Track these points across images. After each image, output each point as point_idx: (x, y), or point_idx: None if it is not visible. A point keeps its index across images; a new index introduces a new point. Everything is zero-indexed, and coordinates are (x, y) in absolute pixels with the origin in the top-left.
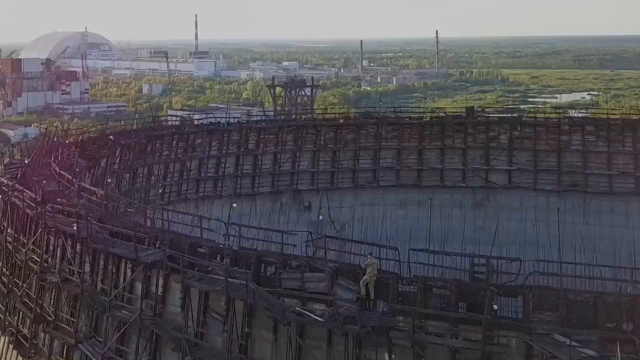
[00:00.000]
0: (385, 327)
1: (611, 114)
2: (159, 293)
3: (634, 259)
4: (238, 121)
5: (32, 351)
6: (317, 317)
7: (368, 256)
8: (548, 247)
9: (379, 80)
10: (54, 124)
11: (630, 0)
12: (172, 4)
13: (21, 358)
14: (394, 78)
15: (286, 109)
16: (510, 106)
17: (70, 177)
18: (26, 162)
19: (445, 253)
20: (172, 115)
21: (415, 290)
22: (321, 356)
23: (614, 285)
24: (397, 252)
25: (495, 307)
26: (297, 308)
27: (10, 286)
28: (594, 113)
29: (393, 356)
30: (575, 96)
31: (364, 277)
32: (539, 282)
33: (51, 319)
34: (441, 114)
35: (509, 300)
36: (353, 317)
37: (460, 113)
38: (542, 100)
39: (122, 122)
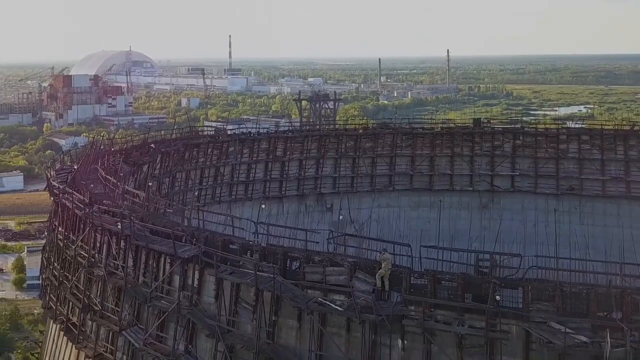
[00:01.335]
0: (399, 315)
1: (605, 125)
2: (195, 285)
3: (624, 255)
4: (267, 131)
5: (81, 337)
6: (337, 307)
7: (383, 252)
8: (546, 244)
9: (395, 95)
10: (101, 134)
11: (623, 22)
12: (209, 26)
13: (71, 344)
14: (409, 93)
15: (311, 120)
16: (514, 118)
17: (115, 181)
18: (75, 167)
19: (453, 249)
20: (207, 126)
21: (425, 283)
22: (341, 342)
23: (605, 279)
24: (409, 248)
25: (497, 298)
26: (319, 299)
27: (61, 279)
28: (590, 124)
29: (405, 342)
30: (573, 109)
31: (379, 271)
32: (538, 276)
33: (98, 309)
34: (451, 125)
35: (510, 292)
36: (370, 307)
37: (468, 124)
38: (543, 112)
39: (163, 132)
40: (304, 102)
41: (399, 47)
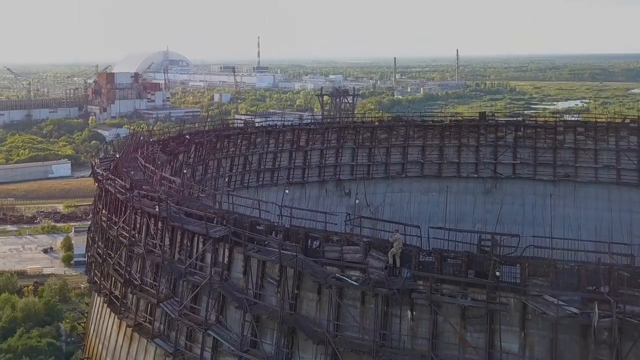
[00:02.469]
0: (408, 289)
1: (598, 118)
2: (225, 262)
3: (612, 235)
4: (291, 124)
5: (122, 309)
6: (353, 282)
7: (395, 233)
8: (543, 225)
9: (408, 90)
10: (141, 126)
11: (617, 23)
12: (240, 29)
13: (113, 314)
14: (421, 88)
15: (331, 114)
16: (516, 111)
17: (153, 168)
18: (118, 156)
19: (458, 230)
20: (237, 119)
21: (433, 260)
22: (356, 313)
23: (595, 256)
24: (419, 229)
25: (497, 273)
26: (337, 274)
27: (104, 256)
28: (585, 117)
29: (414, 313)
30: (570, 103)
31: (391, 250)
32: (534, 254)
33: (137, 283)
34: (459, 118)
35: (509, 268)
36: (382, 282)
37: (474, 117)
38: (543, 106)
39: (197, 124)
40: (325, 97)
41: (412, 47)
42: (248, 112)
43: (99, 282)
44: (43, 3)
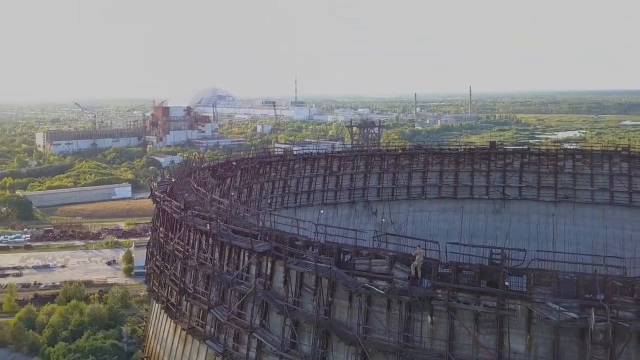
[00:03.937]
0: (428, 297)
1: (594, 147)
2: (268, 273)
3: (607, 249)
4: (325, 152)
5: (178, 314)
6: (380, 290)
7: (417, 247)
8: (546, 241)
9: (427, 122)
10: (193, 154)
11: (611, 63)
12: (279, 69)
13: (169, 319)
14: (439, 120)
15: (360, 143)
16: (522, 141)
17: (204, 191)
18: (173, 180)
19: (472, 245)
20: (277, 148)
21: (450, 272)
22: (382, 318)
23: (592, 268)
24: (437, 245)
25: (506, 283)
26: (366, 284)
27: (162, 268)
28: (582, 145)
29: (434, 317)
30: (569, 133)
31: (414, 262)
32: (538, 266)
33: (191, 292)
34: (472, 147)
35: (516, 279)
36: (406, 290)
37: (485, 146)
38: (545, 136)
39: (242, 152)
40: (354, 128)
41: (430, 84)
42: (287, 142)
43: (157, 290)
44: (105, 46)
